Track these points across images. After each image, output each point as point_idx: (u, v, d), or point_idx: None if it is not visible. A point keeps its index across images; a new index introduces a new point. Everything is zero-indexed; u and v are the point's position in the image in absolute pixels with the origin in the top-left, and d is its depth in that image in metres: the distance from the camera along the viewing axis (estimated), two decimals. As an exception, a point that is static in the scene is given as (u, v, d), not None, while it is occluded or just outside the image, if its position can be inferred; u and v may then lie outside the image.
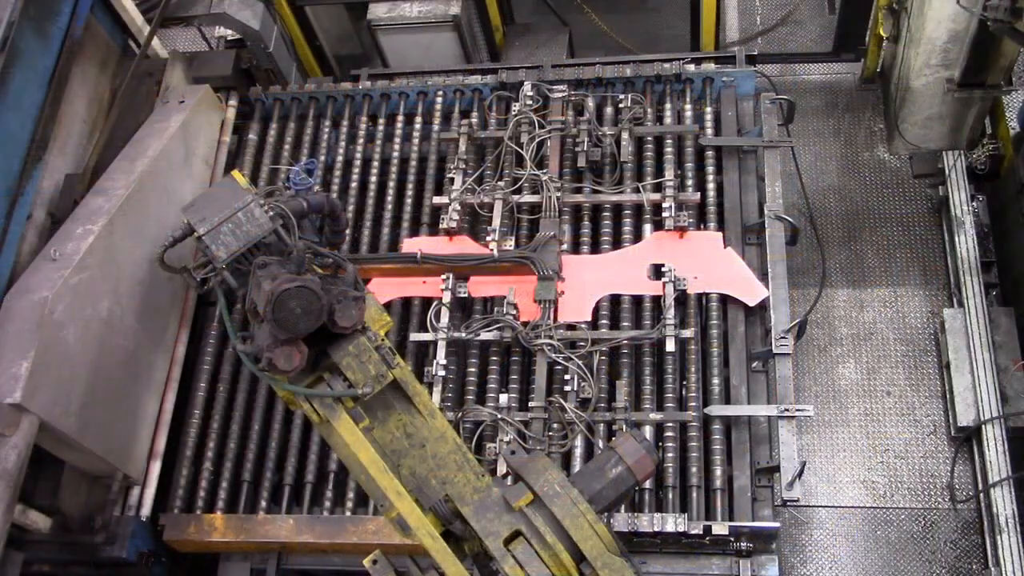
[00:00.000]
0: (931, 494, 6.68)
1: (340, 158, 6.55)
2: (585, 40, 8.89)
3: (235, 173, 4.42)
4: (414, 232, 6.20)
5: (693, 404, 5.37)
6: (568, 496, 3.66)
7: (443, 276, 5.80)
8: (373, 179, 6.43)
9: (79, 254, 4.99)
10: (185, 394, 5.89)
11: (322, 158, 6.53)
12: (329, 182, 6.48)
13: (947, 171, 7.32)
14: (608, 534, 3.66)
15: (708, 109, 6.28)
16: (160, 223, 5.73)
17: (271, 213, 4.14)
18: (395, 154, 6.47)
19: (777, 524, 5.08)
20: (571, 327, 5.59)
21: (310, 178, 5.55)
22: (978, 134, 7.56)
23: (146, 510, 5.45)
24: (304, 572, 5.74)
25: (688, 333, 5.53)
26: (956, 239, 7.04)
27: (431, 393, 5.47)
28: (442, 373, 5.54)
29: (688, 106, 6.27)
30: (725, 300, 5.68)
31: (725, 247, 5.79)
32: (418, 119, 6.58)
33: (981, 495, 6.44)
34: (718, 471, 5.22)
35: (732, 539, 5.06)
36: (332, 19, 8.84)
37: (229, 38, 6.83)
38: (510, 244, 5.92)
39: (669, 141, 6.14)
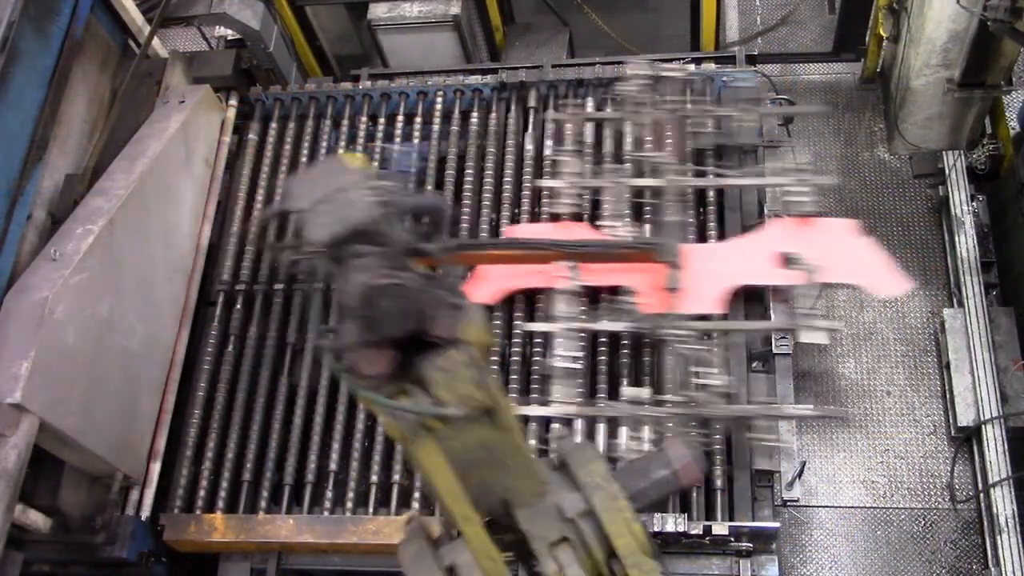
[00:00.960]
0: (931, 494, 6.68)
1: (340, 158, 6.55)
2: (585, 40, 8.89)
3: (349, 154, 4.01)
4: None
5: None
6: (609, 490, 3.55)
7: (559, 264, 5.42)
8: (373, 179, 6.42)
9: (79, 254, 4.98)
10: (185, 394, 5.88)
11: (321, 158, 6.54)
12: (329, 182, 6.48)
13: (947, 171, 7.32)
14: (643, 534, 3.56)
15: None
16: (160, 223, 5.74)
17: (377, 199, 3.59)
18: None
19: (777, 524, 5.08)
20: (701, 317, 5.28)
21: (415, 163, 5.08)
22: (978, 134, 7.56)
23: (146, 510, 5.45)
24: (304, 572, 5.74)
25: (835, 324, 5.27)
26: (956, 239, 7.04)
27: (551, 386, 5.28)
28: (563, 365, 5.26)
29: (688, 106, 6.26)
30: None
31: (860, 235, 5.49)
32: (418, 119, 6.58)
33: (981, 495, 6.44)
34: (718, 471, 5.22)
35: (732, 539, 5.06)
36: (332, 19, 8.84)
37: (229, 38, 6.83)
38: (628, 230, 5.56)
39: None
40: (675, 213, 5.53)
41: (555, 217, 5.81)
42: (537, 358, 5.53)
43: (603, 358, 5.48)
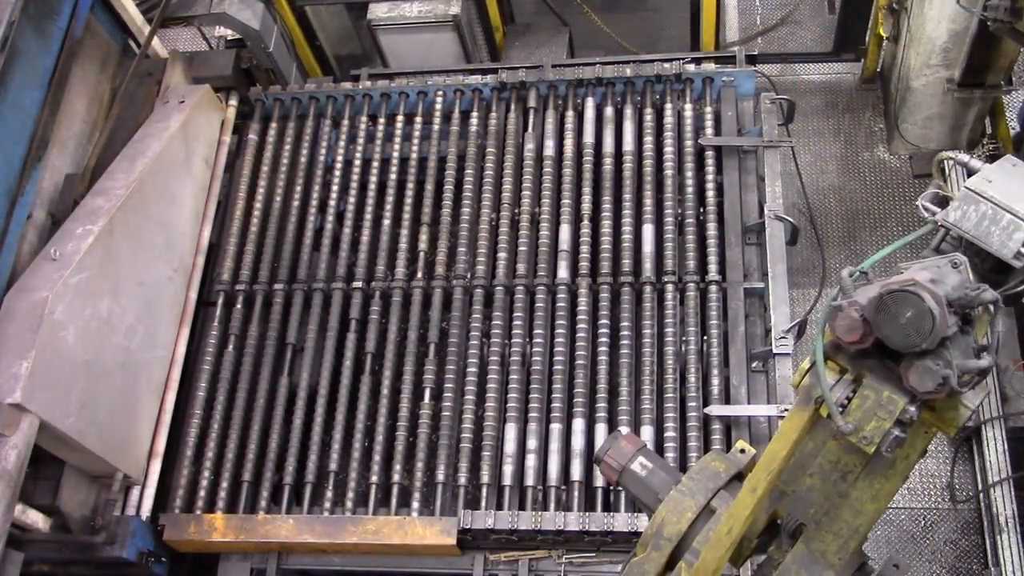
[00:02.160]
0: (931, 494, 6.68)
1: (340, 158, 6.56)
2: (585, 40, 8.90)
3: None
4: (415, 232, 6.18)
5: None
6: None
7: None
8: (373, 179, 6.43)
9: (79, 254, 4.99)
10: (185, 394, 5.89)
11: (321, 158, 6.54)
12: (329, 182, 6.49)
13: (947, 171, 7.31)
14: None
15: (708, 109, 6.28)
16: (160, 223, 5.74)
17: None
18: (395, 154, 6.47)
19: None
20: None
21: None
22: (978, 134, 7.55)
23: (146, 510, 5.46)
24: (304, 572, 5.74)
25: None
26: (956, 239, 7.04)
27: None
28: None
29: (688, 106, 6.27)
30: (725, 300, 5.68)
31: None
32: (418, 119, 6.58)
33: (981, 495, 6.43)
34: (718, 471, 5.20)
35: (732, 539, 5.04)
36: (332, 19, 8.84)
37: (229, 38, 6.83)
38: None
39: None
40: None
41: None
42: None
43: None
